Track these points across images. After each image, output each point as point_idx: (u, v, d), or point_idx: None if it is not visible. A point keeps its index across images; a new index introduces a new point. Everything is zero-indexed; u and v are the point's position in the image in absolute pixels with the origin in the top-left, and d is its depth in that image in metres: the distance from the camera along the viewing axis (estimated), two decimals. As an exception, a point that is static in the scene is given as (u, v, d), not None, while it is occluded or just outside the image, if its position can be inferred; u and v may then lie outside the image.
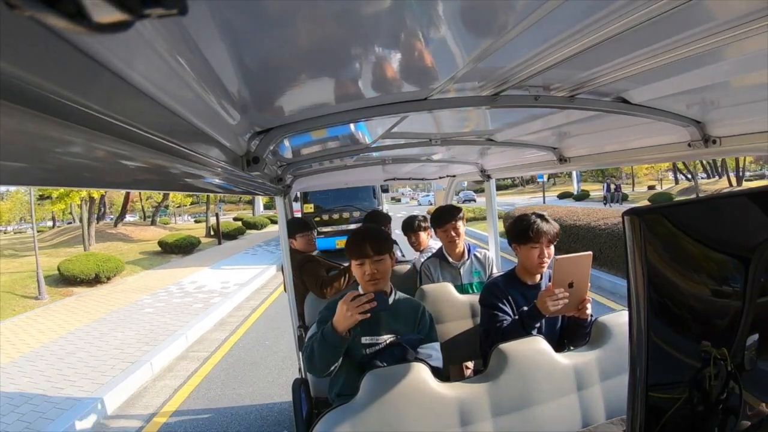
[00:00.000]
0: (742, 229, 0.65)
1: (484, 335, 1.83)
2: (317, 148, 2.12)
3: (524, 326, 1.69)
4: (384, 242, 1.59)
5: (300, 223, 3.17)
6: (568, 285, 1.60)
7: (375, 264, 1.56)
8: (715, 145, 1.51)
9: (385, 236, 1.65)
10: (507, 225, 1.93)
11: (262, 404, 3.86)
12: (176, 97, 0.67)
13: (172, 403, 4.04)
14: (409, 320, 1.65)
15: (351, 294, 1.44)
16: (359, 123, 1.47)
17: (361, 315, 1.40)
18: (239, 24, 0.61)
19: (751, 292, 0.63)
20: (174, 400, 4.11)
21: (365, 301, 1.40)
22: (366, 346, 1.60)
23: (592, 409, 1.45)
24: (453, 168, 3.54)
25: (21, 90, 0.36)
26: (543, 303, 1.63)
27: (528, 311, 1.70)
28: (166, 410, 3.91)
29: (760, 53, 0.88)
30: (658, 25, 0.76)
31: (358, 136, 1.95)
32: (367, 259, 1.56)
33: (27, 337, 6.50)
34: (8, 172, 0.42)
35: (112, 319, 7.06)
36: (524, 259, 1.83)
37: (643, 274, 0.57)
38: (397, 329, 1.62)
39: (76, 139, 0.48)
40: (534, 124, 1.84)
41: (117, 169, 0.63)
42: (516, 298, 1.85)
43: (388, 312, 1.61)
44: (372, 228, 1.69)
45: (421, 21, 0.72)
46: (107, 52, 0.44)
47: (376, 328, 1.60)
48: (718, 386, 0.63)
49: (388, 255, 1.60)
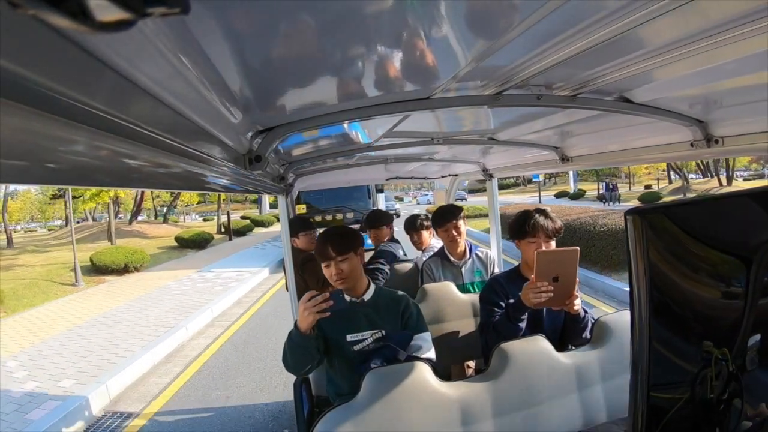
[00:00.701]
0: (744, 229, 0.65)
1: (480, 330, 1.86)
2: (319, 146, 2.12)
3: (510, 318, 1.70)
4: (346, 242, 1.62)
5: (302, 222, 3.18)
6: (552, 279, 1.60)
7: (340, 264, 1.60)
8: (717, 145, 1.50)
9: (349, 235, 1.67)
10: (509, 223, 1.94)
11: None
12: (179, 95, 0.67)
13: (204, 356, 5.32)
14: (391, 313, 1.66)
15: (308, 294, 1.46)
16: (361, 122, 1.47)
17: (318, 314, 1.43)
18: (242, 22, 0.61)
19: (753, 292, 0.62)
20: (206, 353, 5.42)
21: (321, 301, 1.43)
22: (353, 344, 1.62)
23: (594, 409, 1.45)
24: (455, 167, 3.54)
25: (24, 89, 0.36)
26: (526, 295, 1.63)
27: (513, 303, 1.71)
28: (200, 360, 5.18)
29: (764, 52, 0.87)
30: (660, 24, 0.75)
31: (360, 135, 1.95)
32: (332, 261, 1.60)
33: (75, 313, 7.72)
34: (12, 170, 0.42)
35: (145, 299, 8.28)
36: (524, 253, 1.85)
37: (645, 273, 0.57)
38: (378, 323, 1.64)
39: (78, 137, 0.48)
40: (536, 124, 1.84)
41: (119, 167, 0.63)
42: (517, 294, 1.85)
43: (368, 307, 1.65)
44: (335, 229, 1.71)
45: (424, 20, 0.72)
46: (110, 51, 0.44)
47: (357, 325, 1.63)
48: (719, 386, 0.62)
49: (354, 253, 1.62)
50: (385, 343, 1.61)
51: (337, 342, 1.62)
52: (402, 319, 1.66)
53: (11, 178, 0.44)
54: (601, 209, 11.37)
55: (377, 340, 1.62)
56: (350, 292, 1.66)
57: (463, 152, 2.85)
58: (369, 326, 1.63)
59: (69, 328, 6.71)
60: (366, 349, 1.61)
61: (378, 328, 1.63)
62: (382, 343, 1.61)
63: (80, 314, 7.55)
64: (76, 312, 7.78)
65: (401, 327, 1.65)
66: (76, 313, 7.73)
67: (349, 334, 1.62)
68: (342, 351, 1.62)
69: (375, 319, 1.64)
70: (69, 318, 7.37)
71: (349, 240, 1.64)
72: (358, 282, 1.66)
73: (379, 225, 3.24)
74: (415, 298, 2.28)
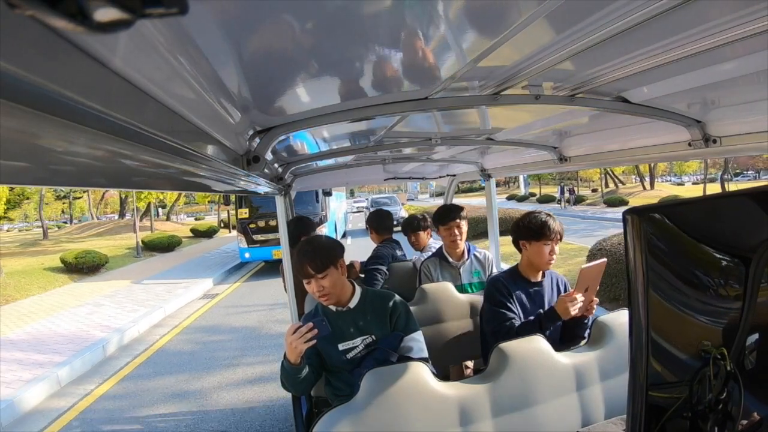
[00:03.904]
0: (743, 228, 0.65)
1: (492, 335, 1.83)
2: (317, 147, 2.12)
3: (542, 328, 1.73)
4: (324, 257, 1.56)
5: (307, 223, 3.16)
6: (584, 290, 1.71)
7: (321, 281, 1.57)
8: (715, 145, 1.51)
9: (325, 249, 1.59)
10: (514, 222, 1.96)
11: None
12: (177, 96, 0.67)
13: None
14: (379, 316, 1.65)
15: (292, 327, 1.46)
16: (359, 122, 1.47)
17: (305, 344, 1.43)
18: (240, 23, 0.61)
19: (751, 291, 0.63)
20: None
21: (305, 332, 1.42)
22: (345, 353, 1.61)
23: (592, 409, 1.45)
24: (453, 167, 3.54)
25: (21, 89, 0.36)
26: (563, 307, 1.69)
27: (546, 314, 1.76)
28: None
29: (761, 52, 0.88)
30: (658, 24, 0.75)
31: (359, 135, 1.95)
32: (312, 278, 1.57)
33: (147, 270, 12.13)
34: (9, 171, 0.42)
35: (192, 262, 12.94)
36: (534, 255, 1.85)
37: (643, 273, 0.57)
38: (367, 329, 1.63)
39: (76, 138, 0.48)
40: (534, 124, 1.84)
41: (116, 168, 0.63)
42: (520, 296, 1.87)
43: (355, 313, 1.64)
44: (309, 246, 1.61)
45: (422, 20, 0.72)
46: (108, 52, 0.44)
47: (346, 333, 1.62)
48: (718, 386, 0.63)
49: (333, 267, 1.58)
50: (376, 347, 1.61)
51: (330, 353, 1.61)
52: (391, 320, 1.65)
53: (8, 180, 0.44)
54: (539, 210, 12.33)
55: (368, 345, 1.62)
56: (335, 302, 1.64)
57: (461, 152, 2.86)
58: (358, 333, 1.62)
59: (148, 276, 11.06)
60: (358, 356, 1.61)
61: (367, 334, 1.62)
62: (373, 347, 1.61)
63: (150, 271, 11.86)
64: (148, 269, 12.32)
65: (391, 328, 1.64)
66: (146, 269, 12.32)
67: (340, 344, 1.61)
68: (335, 360, 1.62)
69: (363, 324, 1.63)
70: (144, 271, 11.95)
71: (326, 255, 1.57)
72: (342, 292, 1.63)
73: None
74: (413, 299, 2.29)
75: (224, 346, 5.42)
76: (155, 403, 4.04)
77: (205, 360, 5.01)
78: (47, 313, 7.80)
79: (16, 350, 5.59)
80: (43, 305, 8.51)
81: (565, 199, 25.74)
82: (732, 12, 0.74)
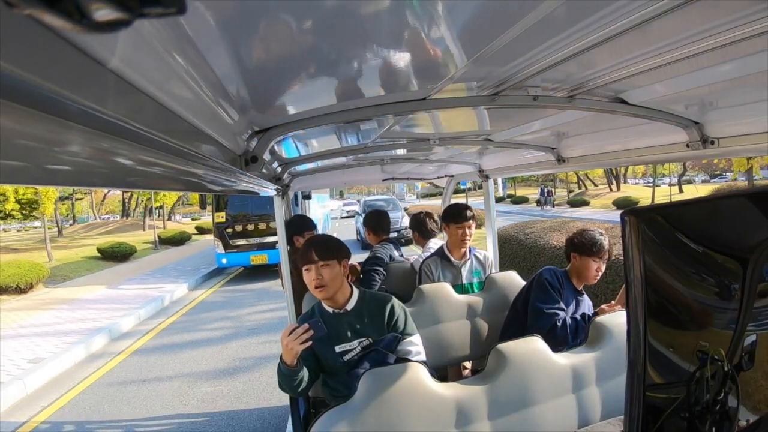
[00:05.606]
0: (740, 229, 0.65)
1: (549, 331, 1.89)
2: (316, 147, 2.12)
3: (577, 330, 1.90)
4: (331, 249, 1.61)
5: (306, 222, 3.14)
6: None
7: (321, 269, 1.58)
8: (713, 146, 1.51)
9: (335, 244, 1.66)
10: (569, 237, 2.12)
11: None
12: (175, 96, 0.67)
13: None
14: (376, 319, 1.65)
15: (288, 328, 1.46)
16: (357, 122, 1.47)
17: (301, 345, 1.43)
18: (238, 23, 0.61)
19: (748, 292, 0.63)
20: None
21: (301, 333, 1.43)
22: (341, 355, 1.61)
23: (590, 409, 1.45)
24: (451, 168, 3.54)
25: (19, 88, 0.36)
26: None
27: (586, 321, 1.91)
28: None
29: (759, 54, 0.88)
30: (656, 25, 0.76)
31: (357, 136, 1.95)
32: (313, 265, 1.58)
33: (168, 258, 14.51)
34: (6, 171, 0.42)
35: (202, 253, 14.84)
36: (583, 268, 2.02)
37: (641, 274, 0.57)
38: (364, 331, 1.63)
39: (74, 138, 0.48)
40: (532, 125, 1.84)
41: (114, 168, 0.63)
42: (568, 298, 2.02)
43: (353, 315, 1.64)
44: (320, 237, 1.74)
45: (420, 21, 0.72)
46: (106, 51, 0.44)
47: (343, 336, 1.62)
48: (715, 386, 0.63)
49: (337, 262, 1.60)
50: (374, 348, 1.60)
51: (326, 354, 1.61)
52: (388, 324, 1.65)
53: (6, 179, 0.44)
54: (512, 211, 12.50)
55: (365, 347, 1.62)
56: (332, 303, 1.64)
57: (459, 153, 2.86)
58: (355, 335, 1.62)
59: (174, 261, 13.66)
60: (355, 358, 1.61)
61: (364, 336, 1.62)
62: (370, 349, 1.61)
63: (166, 260, 14.02)
64: (165, 258, 14.54)
65: (388, 332, 1.64)
66: (163, 259, 14.47)
67: (337, 346, 1.61)
68: (332, 362, 1.61)
69: (360, 327, 1.63)
70: (163, 261, 13.86)
71: (335, 248, 1.63)
72: (339, 291, 1.63)
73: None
74: (412, 299, 2.28)
75: (243, 302, 8.02)
76: (210, 323, 6.89)
77: (234, 309, 7.54)
78: (107, 283, 10.61)
79: (98, 304, 8.33)
80: (97, 281, 11.11)
81: (543, 200, 26.41)
82: (729, 14, 0.74)
